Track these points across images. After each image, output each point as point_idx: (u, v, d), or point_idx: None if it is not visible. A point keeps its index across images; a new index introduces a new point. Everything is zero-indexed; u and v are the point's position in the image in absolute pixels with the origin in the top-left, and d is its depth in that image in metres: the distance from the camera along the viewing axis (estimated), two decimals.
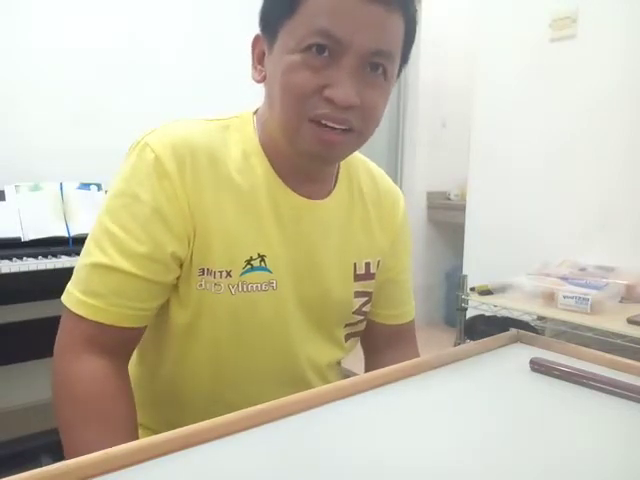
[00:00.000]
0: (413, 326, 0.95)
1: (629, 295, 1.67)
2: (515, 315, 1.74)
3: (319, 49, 0.64)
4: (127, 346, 0.72)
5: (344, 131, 0.68)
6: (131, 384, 0.72)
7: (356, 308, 0.84)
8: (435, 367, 0.73)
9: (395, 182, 0.93)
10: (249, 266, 0.73)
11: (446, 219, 3.47)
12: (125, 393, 0.70)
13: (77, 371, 0.67)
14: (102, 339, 0.68)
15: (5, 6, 1.99)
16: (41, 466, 0.44)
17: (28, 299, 1.83)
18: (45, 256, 1.69)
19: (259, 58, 0.73)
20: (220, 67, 2.43)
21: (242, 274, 0.73)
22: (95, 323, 0.67)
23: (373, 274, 0.85)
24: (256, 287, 0.73)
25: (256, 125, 0.77)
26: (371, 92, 0.68)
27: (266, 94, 0.74)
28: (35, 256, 1.68)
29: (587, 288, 1.61)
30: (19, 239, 1.74)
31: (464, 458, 0.52)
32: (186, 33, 2.40)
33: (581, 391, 0.67)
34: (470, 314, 1.97)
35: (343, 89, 0.65)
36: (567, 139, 2.09)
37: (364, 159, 0.90)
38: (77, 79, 2.15)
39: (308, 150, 0.69)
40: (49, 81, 2.09)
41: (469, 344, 0.82)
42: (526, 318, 1.75)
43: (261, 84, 0.74)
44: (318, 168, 0.78)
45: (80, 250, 0.72)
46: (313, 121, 0.66)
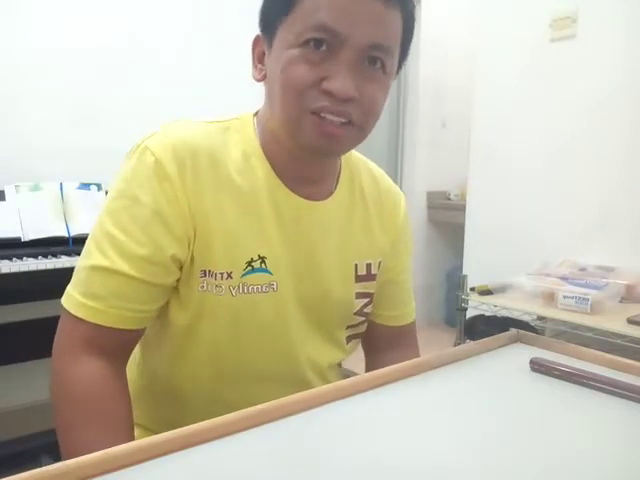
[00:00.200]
0: (414, 328, 0.95)
1: (629, 295, 1.67)
2: (515, 315, 1.74)
3: (317, 43, 0.65)
4: (125, 348, 0.72)
5: (344, 124, 0.68)
6: (128, 385, 0.72)
7: (357, 309, 0.84)
8: (435, 367, 0.73)
9: (395, 182, 0.92)
10: (250, 267, 0.73)
11: (446, 219, 3.47)
12: (123, 394, 0.70)
13: (75, 372, 0.67)
14: (101, 341, 0.68)
15: (5, 6, 1.99)
16: (41, 466, 0.44)
17: (28, 299, 1.82)
18: (45, 256, 1.69)
19: (259, 58, 0.74)
20: (220, 67, 2.42)
21: (243, 275, 0.73)
22: (94, 325, 0.67)
23: (374, 275, 0.85)
24: (257, 289, 0.73)
25: (256, 127, 0.77)
26: (370, 86, 0.68)
27: (266, 93, 0.74)
28: (35, 256, 1.68)
29: (587, 288, 1.61)
30: (19, 239, 1.74)
31: (464, 458, 0.52)
32: (186, 33, 2.40)
33: (581, 391, 0.67)
34: (470, 314, 1.97)
35: (341, 81, 0.65)
36: (567, 139, 2.09)
37: (365, 159, 0.90)
38: (77, 79, 2.15)
39: (309, 143, 0.69)
40: (49, 81, 2.09)
41: (469, 344, 0.82)
42: (526, 318, 1.75)
43: (261, 85, 0.75)
44: (319, 164, 0.77)
45: (80, 250, 0.72)
46: (313, 114, 0.67)
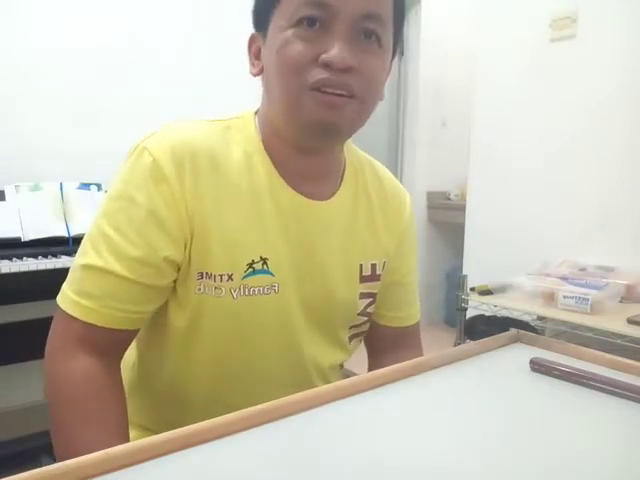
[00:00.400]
0: (418, 329, 0.94)
1: (629, 295, 1.67)
2: (515, 315, 1.74)
3: (310, 22, 0.65)
4: (119, 347, 0.72)
5: (345, 96, 0.67)
6: (123, 383, 0.72)
7: (361, 309, 0.84)
8: (435, 367, 0.72)
9: None
10: (251, 269, 0.72)
11: (446, 219, 3.47)
12: (116, 392, 0.69)
13: (68, 370, 0.67)
14: (94, 339, 0.68)
15: (5, 6, 1.99)
16: (41, 466, 0.43)
17: (28, 299, 1.82)
18: (45, 256, 1.69)
19: (256, 54, 0.74)
20: (220, 67, 2.42)
21: (244, 277, 0.72)
22: (87, 324, 0.67)
23: (379, 275, 0.85)
24: (258, 290, 0.73)
25: (257, 124, 0.76)
26: (367, 57, 0.68)
27: (264, 85, 0.74)
28: (35, 256, 1.68)
29: (587, 288, 1.61)
30: (19, 239, 1.74)
31: (464, 458, 0.52)
32: (186, 33, 2.40)
33: (581, 391, 0.67)
34: (470, 314, 1.97)
35: (338, 50, 0.65)
36: (567, 139, 2.09)
37: (369, 158, 0.89)
38: (77, 79, 2.15)
39: (312, 118, 0.67)
40: (49, 81, 2.09)
41: (469, 344, 0.82)
42: (526, 318, 1.75)
43: (260, 86, 0.74)
44: (322, 158, 0.76)
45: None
46: (313, 89, 0.66)
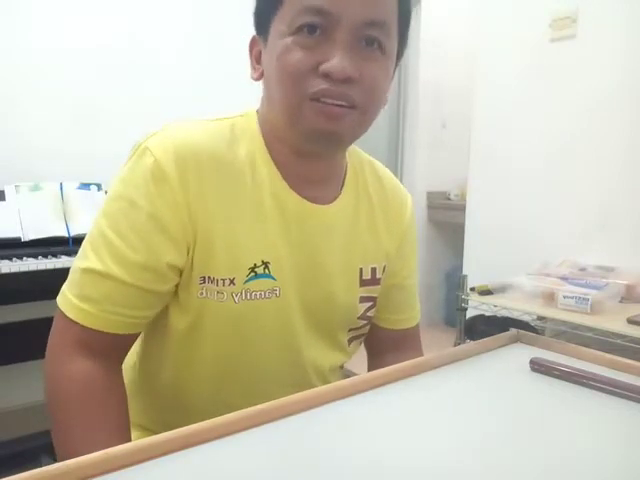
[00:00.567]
0: (418, 330, 0.94)
1: (629, 295, 1.67)
2: (515, 315, 1.74)
3: (310, 29, 0.64)
4: (119, 350, 0.72)
5: (345, 107, 0.66)
6: (124, 385, 0.72)
7: (361, 313, 0.83)
8: (435, 367, 0.72)
9: None
10: (253, 273, 0.71)
11: (446, 219, 3.47)
12: (116, 395, 0.69)
13: (68, 374, 0.66)
14: (93, 343, 0.67)
15: (5, 6, 1.99)
16: (41, 466, 0.43)
17: (28, 299, 1.82)
18: (45, 256, 1.69)
19: (257, 58, 0.73)
20: (220, 67, 2.42)
21: (246, 282, 0.71)
22: (86, 328, 0.66)
23: (379, 279, 0.84)
24: (260, 295, 0.72)
25: (258, 125, 0.75)
26: (369, 65, 0.66)
27: (264, 90, 0.73)
28: (35, 256, 1.68)
29: (587, 288, 1.61)
30: (19, 239, 1.74)
31: (464, 458, 0.52)
32: (186, 33, 2.40)
33: (581, 391, 0.67)
34: (470, 314, 1.97)
35: (339, 61, 0.63)
36: (567, 139, 2.09)
37: (370, 159, 0.88)
38: (77, 79, 2.15)
39: (312, 127, 0.67)
40: (49, 81, 2.09)
41: (469, 344, 0.82)
42: (526, 318, 1.75)
43: (261, 85, 0.74)
44: (324, 163, 0.76)
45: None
46: (313, 100, 0.65)
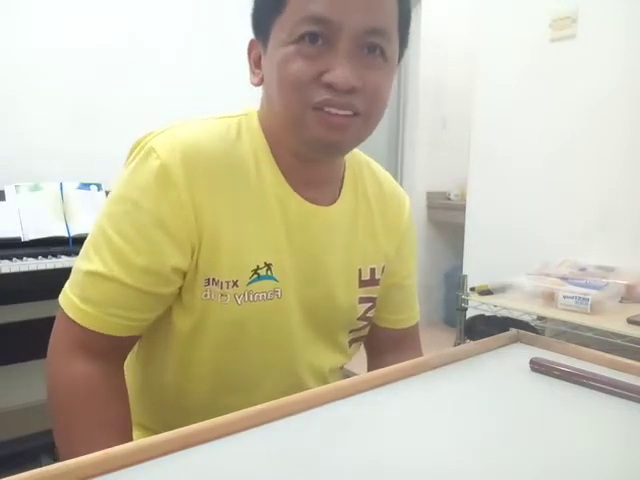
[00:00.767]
0: (417, 329, 0.94)
1: (629, 295, 1.67)
2: (515, 315, 1.74)
3: (312, 38, 0.63)
4: (121, 351, 0.72)
5: (349, 116, 0.65)
6: (125, 385, 0.72)
7: (360, 314, 0.83)
8: (435, 367, 0.73)
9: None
10: (256, 275, 0.71)
11: (446, 219, 3.47)
12: (118, 395, 0.69)
13: (68, 374, 0.66)
14: (95, 344, 0.67)
15: (5, 6, 1.99)
16: (41, 466, 0.44)
17: (28, 299, 1.82)
18: (45, 256, 1.69)
19: (256, 62, 0.72)
20: (220, 67, 2.42)
21: (249, 283, 0.71)
22: (87, 329, 0.66)
23: (378, 280, 0.84)
24: (262, 296, 0.72)
25: (260, 127, 0.75)
26: (372, 73, 0.66)
27: (265, 96, 0.73)
28: (35, 256, 1.68)
29: (587, 288, 1.61)
30: (19, 239, 1.74)
31: (464, 458, 0.52)
32: (186, 33, 2.41)
33: (581, 391, 0.67)
34: (470, 314, 1.97)
35: (342, 71, 0.63)
36: (567, 139, 2.09)
37: (368, 159, 0.88)
38: (77, 79, 2.15)
39: (315, 137, 0.66)
40: (49, 81, 2.09)
41: (469, 344, 0.82)
42: (526, 318, 1.75)
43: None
44: (325, 166, 0.76)
45: (80, 251, 0.70)
46: (316, 109, 0.65)
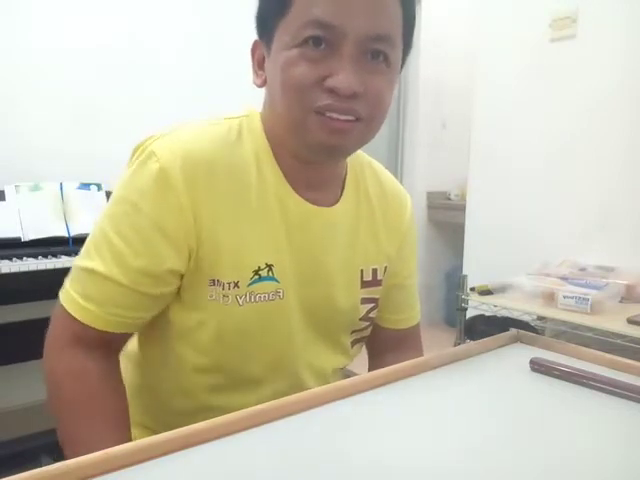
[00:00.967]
0: (419, 329, 0.94)
1: (629, 295, 1.67)
2: (515, 315, 1.74)
3: (316, 42, 0.63)
4: (117, 344, 0.73)
5: (351, 121, 0.66)
6: (122, 377, 0.73)
7: (363, 315, 0.83)
8: (435, 367, 0.73)
9: None
10: (257, 276, 0.71)
11: (446, 219, 3.47)
12: (114, 387, 0.70)
13: (66, 367, 0.68)
14: (92, 339, 0.68)
15: (5, 6, 1.99)
16: (41, 466, 0.44)
17: (28, 299, 1.82)
18: (45, 256, 1.69)
19: (259, 63, 0.72)
20: (220, 67, 2.42)
21: (250, 284, 0.71)
22: (87, 325, 0.67)
23: (380, 280, 0.84)
24: (264, 297, 0.72)
25: (262, 128, 0.75)
26: (374, 79, 0.66)
27: (268, 97, 0.73)
28: (35, 256, 1.68)
29: (587, 288, 1.61)
30: (19, 239, 1.74)
31: (464, 458, 0.52)
32: (186, 33, 2.40)
33: (581, 391, 0.67)
34: (470, 314, 1.97)
35: (345, 77, 0.63)
36: (567, 139, 2.09)
37: (370, 159, 0.88)
38: (77, 79, 2.15)
39: (317, 141, 0.67)
40: (49, 81, 2.09)
41: (469, 344, 0.82)
42: (526, 318, 1.75)
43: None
44: (326, 168, 0.76)
45: (80, 250, 0.71)
46: (318, 113, 0.65)
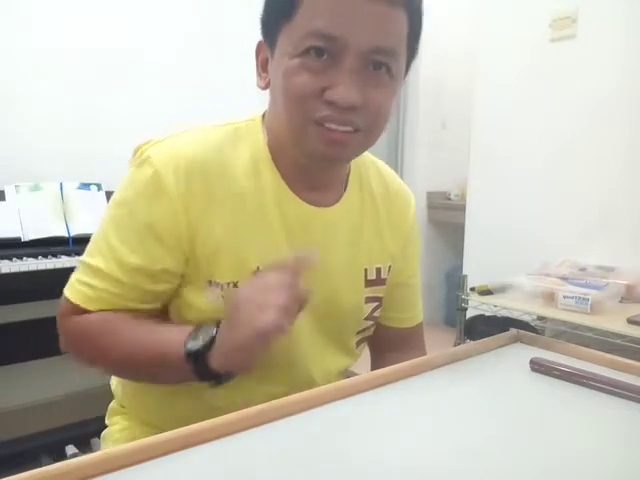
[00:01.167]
0: (421, 329, 0.94)
1: (629, 295, 1.67)
2: (515, 315, 1.74)
3: (318, 52, 0.63)
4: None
5: (350, 132, 0.66)
6: (131, 386, 0.75)
7: (367, 314, 0.83)
8: (435, 367, 0.73)
9: None
10: None
11: (446, 219, 3.46)
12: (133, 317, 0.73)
13: (83, 319, 0.71)
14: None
15: (5, 6, 1.99)
16: (41, 466, 0.44)
17: (28, 299, 1.82)
18: (45, 256, 1.69)
19: (263, 65, 0.73)
20: (220, 67, 2.42)
21: None
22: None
23: (384, 279, 0.84)
24: None
25: (264, 131, 0.75)
26: (375, 91, 0.66)
27: (271, 99, 0.73)
28: (35, 256, 1.68)
29: (587, 288, 1.61)
30: (19, 239, 1.74)
31: (464, 458, 0.52)
32: (186, 33, 2.40)
33: (581, 391, 0.67)
34: (470, 314, 1.97)
35: (344, 89, 0.63)
36: (567, 139, 2.09)
37: (374, 159, 0.88)
38: (77, 79, 2.15)
39: (315, 151, 0.68)
40: (49, 81, 2.09)
41: (469, 344, 0.82)
42: (526, 318, 1.75)
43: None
44: (326, 170, 0.76)
45: (80, 250, 0.75)
46: (318, 124, 0.66)
